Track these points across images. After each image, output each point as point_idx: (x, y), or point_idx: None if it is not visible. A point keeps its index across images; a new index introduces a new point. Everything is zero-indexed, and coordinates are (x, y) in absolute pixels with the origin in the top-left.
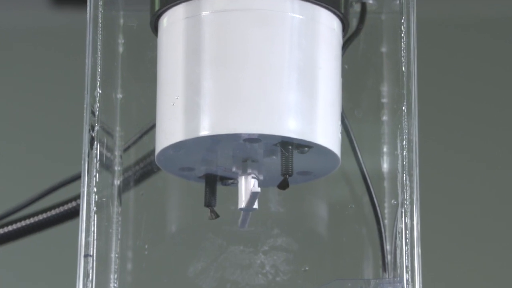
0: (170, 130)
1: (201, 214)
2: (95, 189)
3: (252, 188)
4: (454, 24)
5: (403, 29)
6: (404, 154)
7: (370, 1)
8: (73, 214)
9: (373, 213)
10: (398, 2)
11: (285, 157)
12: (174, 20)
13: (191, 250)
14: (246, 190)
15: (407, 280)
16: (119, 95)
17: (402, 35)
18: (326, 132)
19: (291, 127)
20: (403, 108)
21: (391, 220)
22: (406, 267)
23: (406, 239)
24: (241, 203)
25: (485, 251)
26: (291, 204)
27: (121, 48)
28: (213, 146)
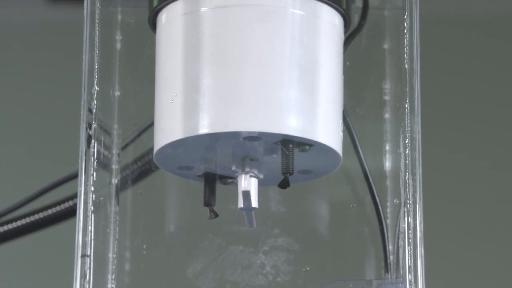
0: (169, 128)
1: (200, 214)
2: (93, 188)
3: (243, 187)
4: (458, 20)
5: (406, 25)
6: (407, 153)
7: None
8: (70, 214)
9: (375, 213)
10: None
11: (286, 156)
12: (173, 16)
13: (190, 250)
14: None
15: (410, 281)
16: (117, 93)
17: (405, 31)
18: (328, 130)
19: (292, 125)
20: (406, 106)
21: (394, 220)
22: (409, 268)
23: (409, 239)
24: (241, 203)
25: (489, 251)
26: (292, 204)
27: (119, 45)
28: (213, 145)
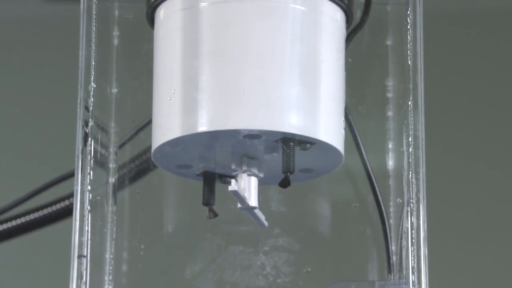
0: (167, 126)
1: (199, 213)
2: (89, 187)
3: (229, 187)
4: (462, 16)
5: (409, 21)
6: (410, 151)
7: None
8: (66, 213)
9: (378, 212)
10: None
11: (287, 154)
12: (171, 12)
13: (189, 251)
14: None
15: (413, 282)
16: (114, 90)
17: (408, 27)
18: (329, 128)
19: (293, 123)
20: (409, 103)
21: (397, 220)
22: (412, 268)
23: (412, 239)
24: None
25: (494, 252)
26: (293, 203)
27: (116, 41)
28: (212, 143)
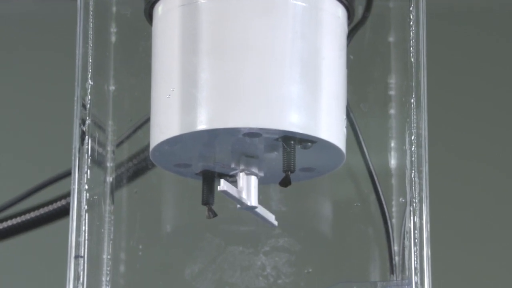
0: (166, 124)
1: (198, 213)
2: (86, 187)
3: (218, 187)
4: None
5: (412, 17)
6: (413, 150)
7: None
8: (63, 213)
9: (380, 212)
10: None
11: (287, 153)
12: (170, 8)
13: (188, 251)
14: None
15: (416, 283)
16: (112, 87)
17: (411, 24)
18: (331, 126)
19: (294, 121)
20: (412, 101)
21: (399, 219)
22: (415, 269)
23: (415, 239)
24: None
25: (498, 252)
26: (293, 203)
27: (114, 37)
28: (211, 141)
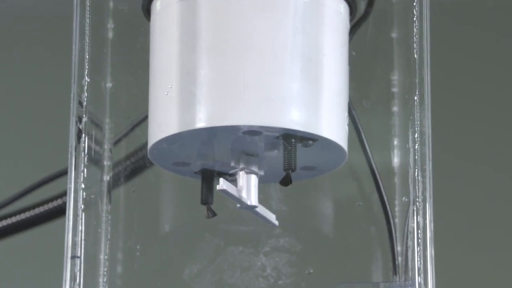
0: (164, 122)
1: (197, 213)
2: (83, 186)
3: (217, 186)
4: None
5: (415, 13)
6: (416, 148)
7: None
8: (59, 213)
9: (383, 211)
10: None
11: (288, 151)
12: (168, 3)
13: (187, 251)
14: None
15: (420, 284)
16: (109, 84)
17: (414, 19)
18: (332, 124)
19: (294, 119)
20: (415, 98)
21: (402, 219)
22: (418, 270)
23: (418, 239)
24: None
25: (503, 253)
26: (294, 202)
27: (111, 34)
28: (210, 139)
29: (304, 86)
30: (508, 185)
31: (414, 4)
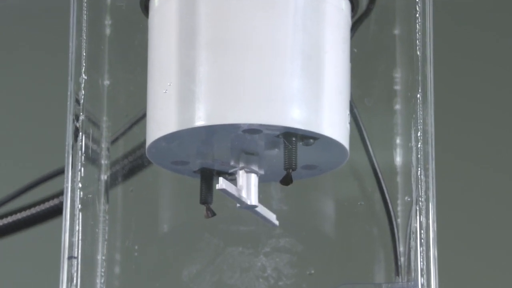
0: (163, 120)
1: (196, 212)
2: (80, 185)
3: (217, 186)
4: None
5: (418, 9)
6: (419, 146)
7: None
8: (56, 212)
9: (385, 211)
10: None
11: (289, 150)
12: None
13: (186, 252)
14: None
15: (422, 284)
16: (106, 82)
17: (417, 16)
18: (333, 122)
19: (295, 117)
20: (418, 96)
21: (405, 219)
22: (421, 270)
23: (421, 240)
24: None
25: (507, 253)
26: (295, 202)
27: (109, 30)
28: (209, 138)
29: (305, 84)
30: None
31: (417, 1)
